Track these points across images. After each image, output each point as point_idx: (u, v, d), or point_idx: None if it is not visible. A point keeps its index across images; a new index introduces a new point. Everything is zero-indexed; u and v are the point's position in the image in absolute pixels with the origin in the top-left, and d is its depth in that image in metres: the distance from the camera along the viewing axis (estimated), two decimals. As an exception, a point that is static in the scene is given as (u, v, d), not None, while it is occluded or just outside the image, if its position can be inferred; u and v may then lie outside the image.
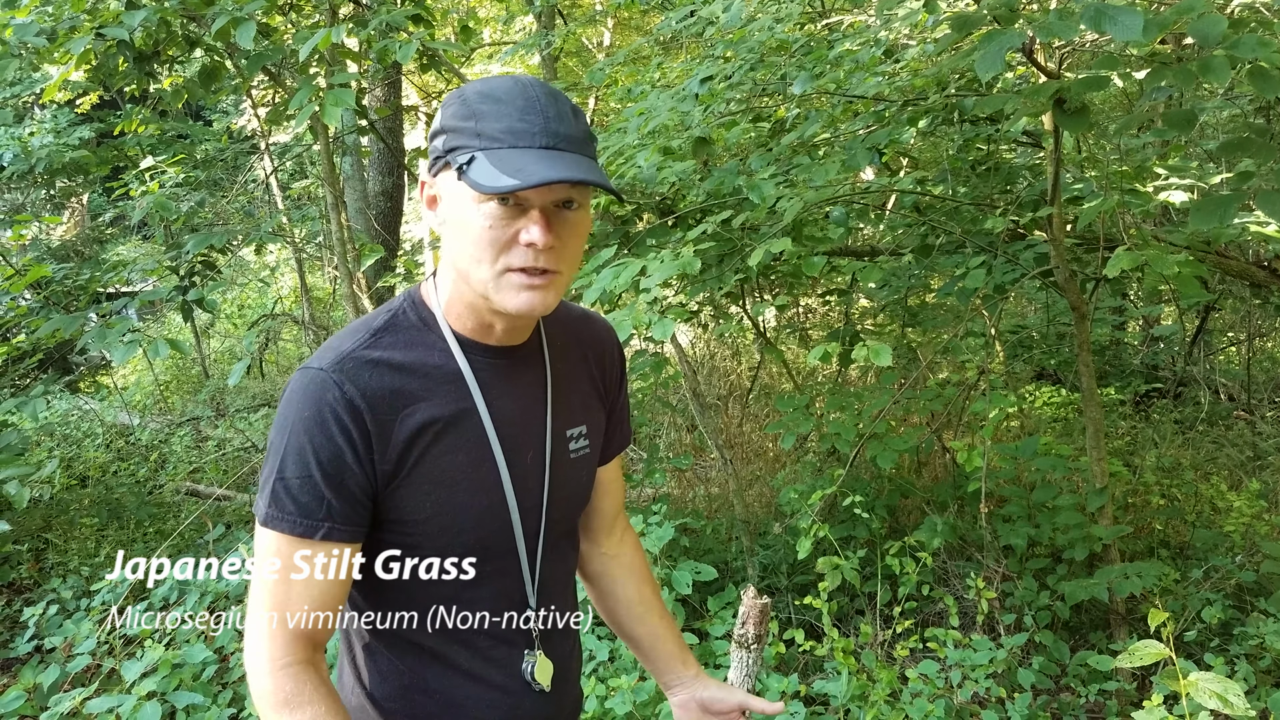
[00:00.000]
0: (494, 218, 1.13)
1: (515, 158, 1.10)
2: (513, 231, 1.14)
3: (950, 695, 3.04)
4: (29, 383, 5.94)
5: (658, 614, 1.59)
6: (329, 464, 1.16)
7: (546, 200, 1.14)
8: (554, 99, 1.16)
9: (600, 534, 1.58)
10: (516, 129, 1.12)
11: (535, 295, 1.16)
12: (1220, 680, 1.98)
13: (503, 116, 1.13)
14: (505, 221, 1.13)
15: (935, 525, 3.69)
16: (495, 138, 1.12)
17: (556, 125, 1.13)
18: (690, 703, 1.56)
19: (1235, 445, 5.61)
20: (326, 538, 1.17)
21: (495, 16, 10.93)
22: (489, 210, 1.13)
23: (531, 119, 1.12)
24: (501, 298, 1.17)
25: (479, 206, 1.13)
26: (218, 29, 3.69)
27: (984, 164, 4.36)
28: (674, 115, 3.81)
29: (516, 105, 1.13)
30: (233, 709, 3.22)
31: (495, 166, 1.09)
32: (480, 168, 1.11)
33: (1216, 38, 2.16)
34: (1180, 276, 2.77)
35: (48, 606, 4.09)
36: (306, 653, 1.18)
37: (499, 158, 1.10)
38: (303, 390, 1.18)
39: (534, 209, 1.14)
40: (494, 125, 1.12)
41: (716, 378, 7.79)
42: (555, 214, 1.15)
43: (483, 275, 1.16)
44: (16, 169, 7.22)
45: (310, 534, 1.17)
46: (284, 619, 1.18)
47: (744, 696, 1.55)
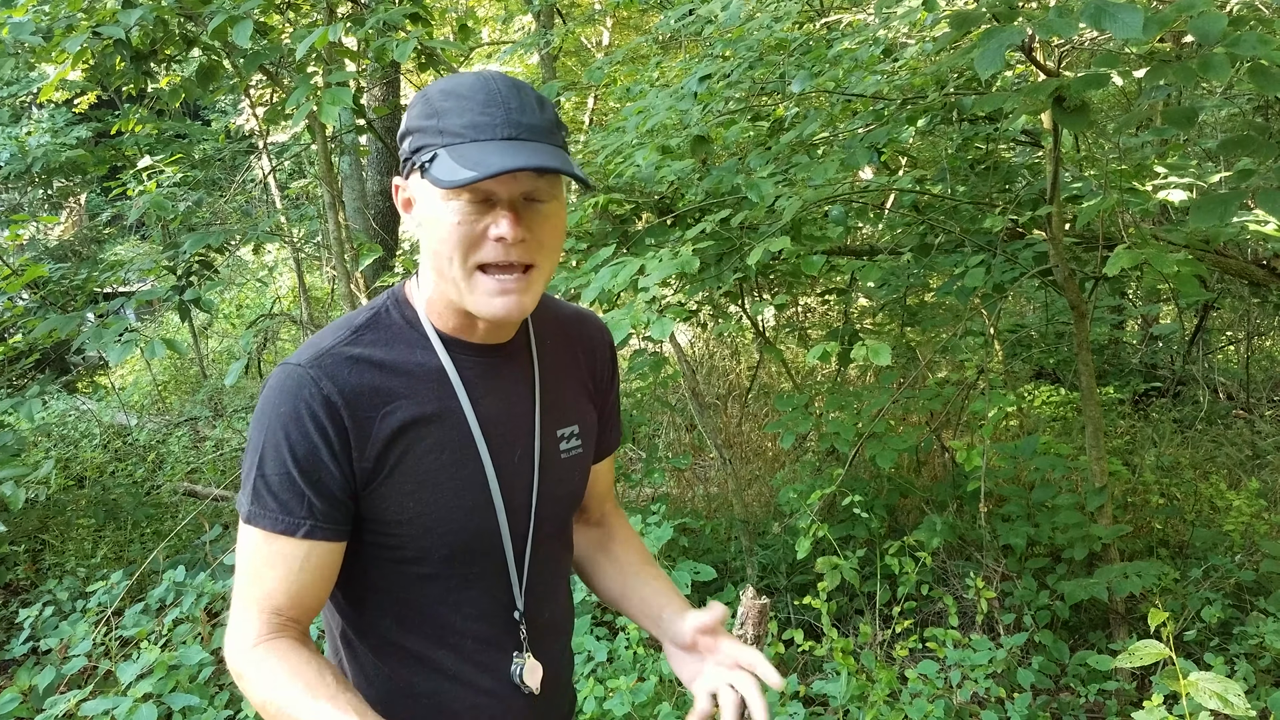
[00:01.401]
0: (462, 214, 1.12)
1: (475, 151, 1.09)
2: (482, 227, 1.13)
3: (950, 695, 3.03)
4: (25, 383, 5.94)
5: (655, 573, 1.52)
6: (305, 461, 1.15)
7: (515, 193, 1.13)
8: (517, 90, 1.14)
9: (589, 516, 1.57)
10: (478, 122, 1.11)
11: (510, 300, 1.15)
12: (1220, 680, 1.98)
13: (464, 111, 1.12)
14: (474, 218, 1.12)
15: (934, 525, 3.68)
16: (457, 133, 1.11)
17: (519, 116, 1.12)
18: (668, 647, 1.42)
19: (1234, 444, 5.61)
20: (308, 535, 1.16)
21: (494, 15, 10.92)
22: (456, 207, 1.12)
23: (493, 111, 1.11)
24: (475, 301, 1.16)
25: (446, 204, 1.12)
26: (215, 28, 3.68)
27: (983, 163, 4.36)
28: (673, 114, 3.81)
29: (478, 99, 1.12)
30: (229, 711, 3.21)
31: (455, 161, 1.09)
32: (441, 164, 1.10)
33: (1216, 35, 2.16)
34: (1179, 275, 2.76)
35: (44, 608, 4.07)
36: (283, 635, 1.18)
37: (460, 153, 1.10)
38: (280, 386, 1.17)
39: (502, 203, 1.13)
40: (455, 121, 1.12)
41: (715, 377, 7.79)
42: (525, 207, 1.14)
43: (455, 275, 1.15)
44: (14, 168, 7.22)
45: (292, 531, 1.16)
46: (262, 613, 1.17)
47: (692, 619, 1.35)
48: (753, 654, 1.27)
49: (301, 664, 1.14)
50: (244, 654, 1.16)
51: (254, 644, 1.16)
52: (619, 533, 1.57)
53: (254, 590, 1.17)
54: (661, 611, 1.42)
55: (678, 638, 1.37)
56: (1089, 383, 3.53)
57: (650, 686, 2.93)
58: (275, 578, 1.17)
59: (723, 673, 1.28)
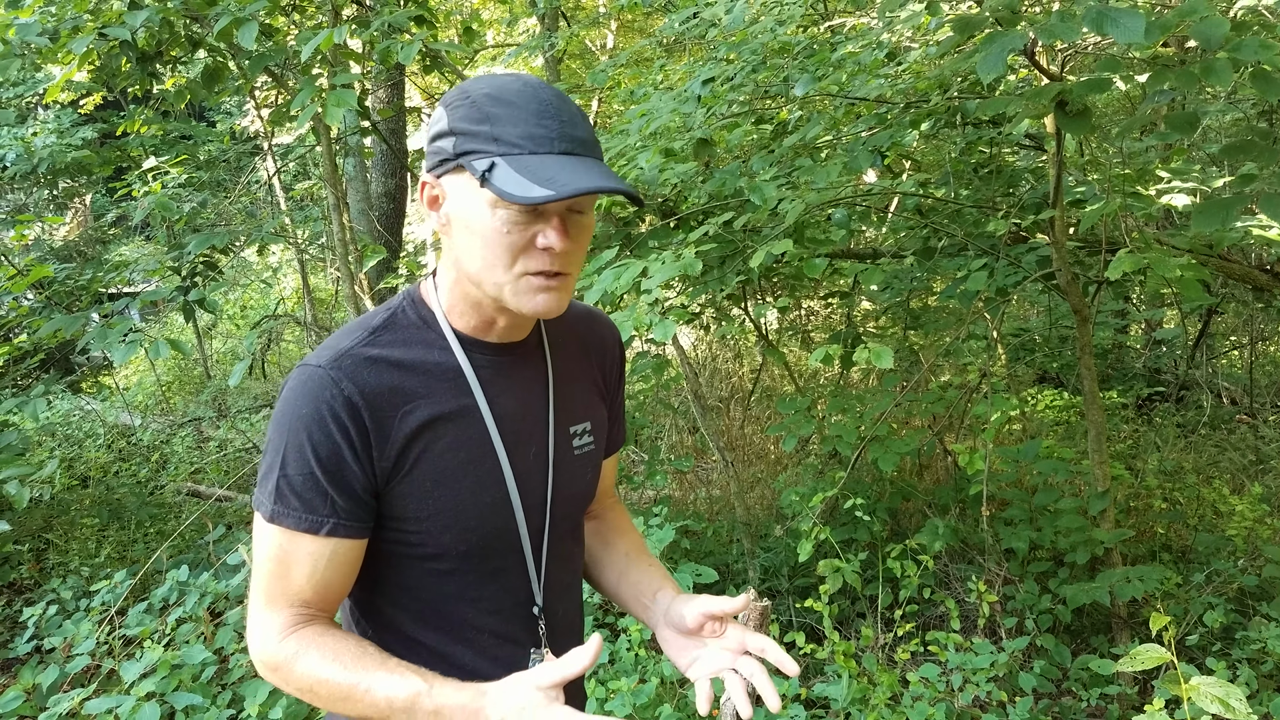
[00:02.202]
0: (512, 223, 1.13)
1: (539, 165, 1.10)
2: (530, 236, 1.14)
3: (951, 699, 3.03)
4: (30, 383, 5.95)
5: (650, 561, 1.52)
6: (328, 461, 1.17)
7: (563, 206, 1.15)
8: (564, 101, 1.16)
9: (591, 510, 1.58)
10: (535, 134, 1.12)
11: (552, 297, 1.18)
12: (1222, 685, 1.98)
13: (518, 121, 1.12)
14: (523, 226, 1.14)
15: (937, 528, 3.68)
16: (514, 143, 1.11)
17: (571, 130, 1.14)
18: (665, 632, 1.39)
19: (1237, 449, 5.60)
20: (332, 533, 1.18)
21: (499, 18, 10.94)
22: (507, 216, 1.13)
23: (548, 124, 1.12)
24: (519, 301, 1.18)
25: (495, 211, 1.13)
26: (220, 29, 3.69)
27: (986, 167, 4.36)
28: (676, 117, 3.81)
29: (530, 109, 1.13)
30: (232, 710, 3.22)
31: (522, 175, 1.09)
32: (505, 175, 1.10)
33: (1219, 40, 2.16)
34: (1182, 280, 2.76)
35: (47, 607, 4.09)
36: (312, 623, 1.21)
37: (522, 165, 1.10)
38: (301, 387, 1.19)
39: (554, 215, 1.14)
40: (510, 130, 1.12)
41: (718, 380, 7.80)
42: (569, 218, 1.16)
43: (498, 279, 1.17)
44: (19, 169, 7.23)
45: (316, 529, 1.18)
46: (290, 607, 1.20)
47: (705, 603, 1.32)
48: (763, 639, 1.27)
49: (339, 643, 1.18)
50: (275, 645, 1.19)
51: (284, 635, 1.19)
52: (617, 523, 1.59)
53: (278, 587, 1.20)
54: (656, 594, 1.42)
55: (676, 621, 1.35)
56: (1092, 387, 3.53)
57: (651, 688, 2.94)
58: (301, 575, 1.19)
59: (726, 657, 1.27)
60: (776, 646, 1.25)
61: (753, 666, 1.24)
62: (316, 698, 1.17)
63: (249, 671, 3.34)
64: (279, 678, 1.19)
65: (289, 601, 1.20)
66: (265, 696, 3.03)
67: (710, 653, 1.30)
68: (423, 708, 1.10)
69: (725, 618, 1.31)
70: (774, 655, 1.24)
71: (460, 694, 1.11)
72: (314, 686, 1.16)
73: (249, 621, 1.22)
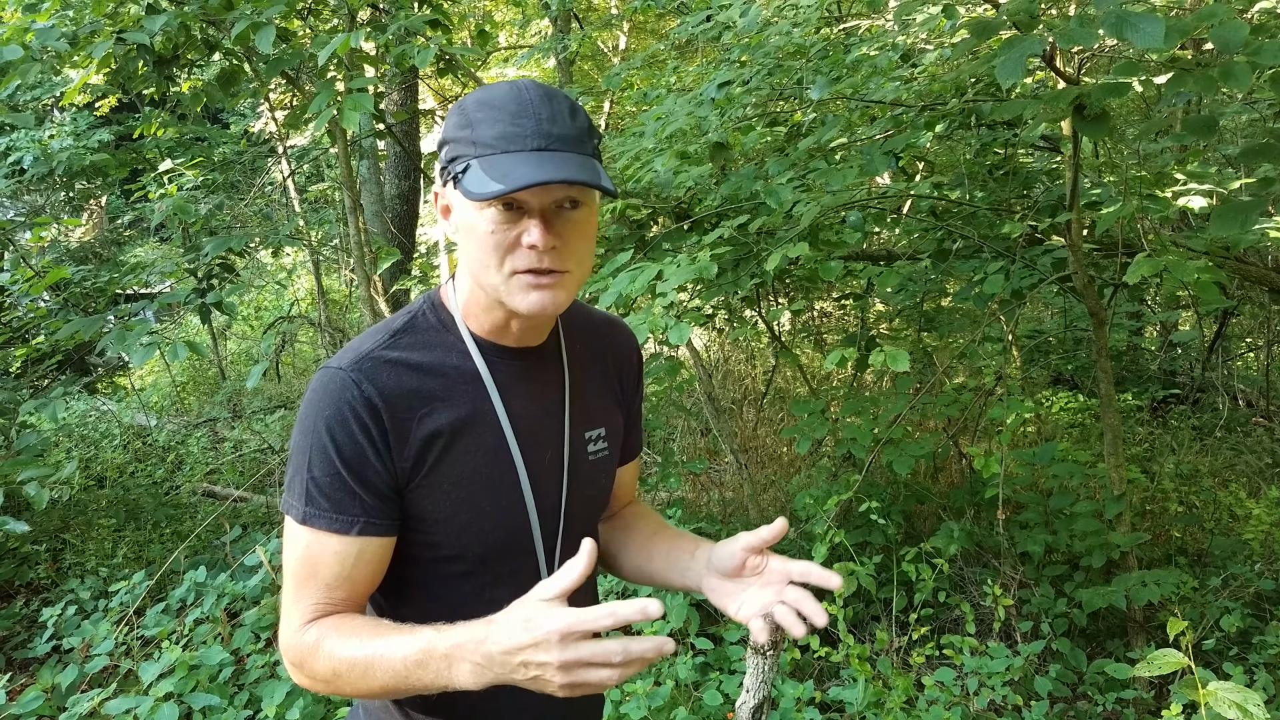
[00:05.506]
0: (495, 223, 1.16)
1: (504, 163, 1.12)
2: (515, 234, 1.16)
3: (966, 703, 3.03)
4: (48, 384, 5.98)
5: (677, 531, 1.52)
6: (353, 460, 1.19)
7: (545, 202, 1.16)
8: (549, 100, 1.17)
9: (609, 511, 1.59)
10: (509, 133, 1.14)
11: (544, 295, 1.19)
12: (1239, 689, 1.97)
13: (496, 122, 1.15)
14: (506, 226, 1.16)
15: (952, 531, 3.67)
16: (488, 144, 1.14)
17: (549, 126, 1.15)
18: (710, 580, 1.38)
19: (1254, 452, 5.57)
20: (363, 532, 1.21)
21: (511, 20, 10.96)
22: (490, 216, 1.16)
23: (524, 122, 1.14)
24: (514, 300, 1.20)
25: (480, 213, 1.16)
26: (237, 33, 3.71)
27: (1002, 169, 4.35)
28: (691, 120, 3.82)
29: (509, 110, 1.15)
30: (249, 710, 3.24)
31: (485, 173, 1.12)
32: (473, 176, 1.13)
33: (1238, 43, 2.15)
34: (1199, 282, 2.75)
35: (66, 607, 4.12)
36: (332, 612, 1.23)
37: (490, 164, 1.13)
38: (323, 389, 1.21)
39: (532, 211, 1.16)
40: (487, 132, 1.15)
41: (731, 381, 7.78)
42: (556, 214, 1.17)
43: (492, 279, 1.19)
44: (37, 171, 7.27)
45: (346, 529, 1.20)
46: (317, 604, 1.22)
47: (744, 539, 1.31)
48: (805, 564, 1.26)
49: (356, 622, 1.20)
50: (298, 637, 1.21)
51: (305, 626, 1.21)
52: (638, 510, 1.60)
53: (309, 586, 1.22)
54: (694, 552, 1.41)
55: (719, 565, 1.33)
56: (1108, 389, 3.52)
57: (666, 691, 2.94)
58: (331, 574, 1.21)
59: (770, 593, 1.28)
60: (819, 568, 1.26)
61: (797, 593, 1.24)
62: (341, 679, 1.17)
63: (266, 672, 3.36)
64: (305, 673, 1.21)
65: (318, 599, 1.22)
66: (282, 697, 3.05)
67: (755, 592, 1.30)
68: (435, 652, 1.11)
69: (764, 550, 1.31)
70: (817, 575, 1.25)
71: (468, 629, 1.11)
72: (336, 668, 1.17)
73: (281, 623, 1.24)
